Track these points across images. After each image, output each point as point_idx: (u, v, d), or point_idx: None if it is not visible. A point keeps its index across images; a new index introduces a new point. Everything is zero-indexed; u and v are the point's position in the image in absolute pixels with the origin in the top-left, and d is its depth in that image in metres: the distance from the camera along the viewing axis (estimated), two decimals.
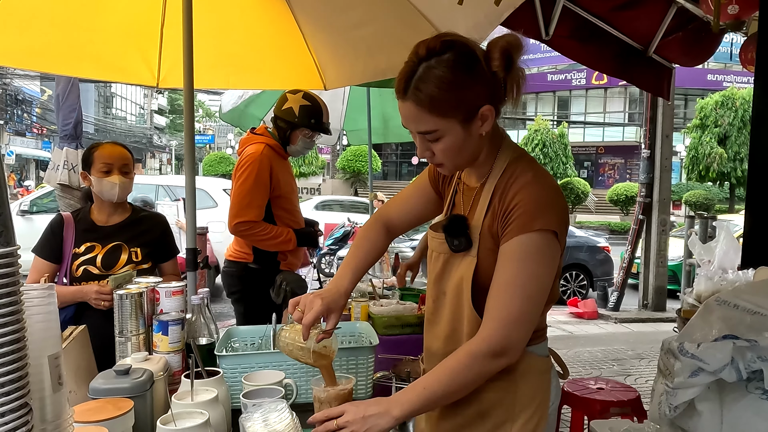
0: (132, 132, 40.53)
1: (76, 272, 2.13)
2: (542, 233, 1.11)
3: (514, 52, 1.09)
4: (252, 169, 2.60)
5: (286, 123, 2.73)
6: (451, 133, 1.12)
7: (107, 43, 2.83)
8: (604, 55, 3.34)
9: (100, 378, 1.32)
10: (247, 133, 2.84)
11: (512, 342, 1.12)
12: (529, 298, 1.12)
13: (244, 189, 2.59)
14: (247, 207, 2.59)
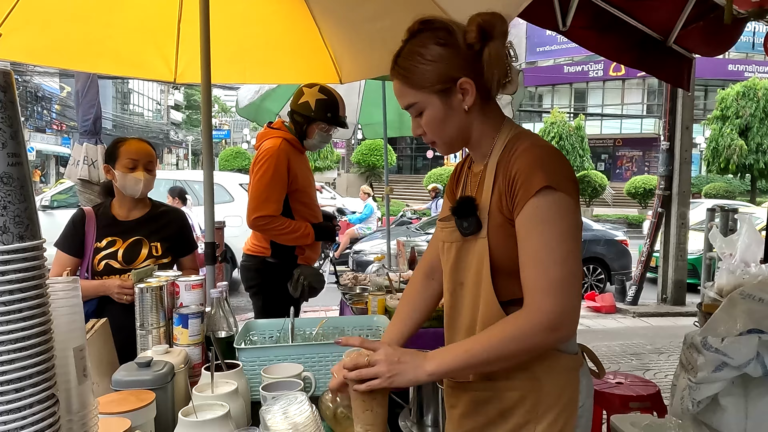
0: (149, 128, 40.94)
1: (98, 266, 2.16)
2: (548, 192, 1.07)
3: (490, 28, 1.11)
4: (270, 163, 2.61)
5: (303, 117, 2.73)
6: (431, 106, 1.16)
7: (125, 39, 2.85)
8: (622, 45, 3.28)
9: (123, 370, 1.34)
10: (264, 128, 2.85)
11: (566, 310, 1.06)
12: (564, 260, 1.06)
13: (262, 183, 2.60)
14: (266, 201, 2.60)
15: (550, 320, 1.05)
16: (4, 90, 0.70)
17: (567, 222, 1.08)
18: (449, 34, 1.13)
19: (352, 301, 2.94)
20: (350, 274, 3.45)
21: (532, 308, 1.07)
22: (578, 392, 1.17)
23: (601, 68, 28.70)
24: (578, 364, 1.19)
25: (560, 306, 1.05)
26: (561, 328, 1.07)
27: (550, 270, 1.06)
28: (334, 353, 1.61)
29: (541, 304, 1.06)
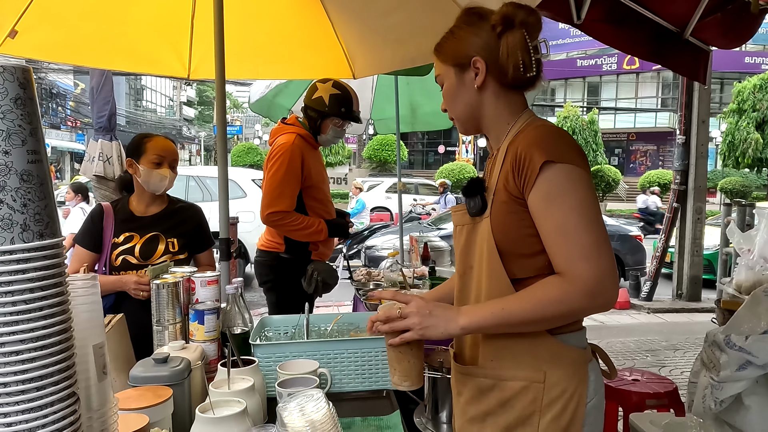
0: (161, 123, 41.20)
1: (115, 261, 2.17)
2: (552, 166, 1.09)
3: (512, 16, 1.16)
4: (284, 159, 2.60)
5: (317, 112, 2.72)
6: (448, 79, 1.25)
7: (140, 36, 2.86)
8: (638, 38, 3.23)
9: (140, 366, 1.34)
10: (278, 123, 2.84)
11: (604, 273, 1.06)
12: (590, 225, 1.07)
13: (276, 179, 2.60)
14: (279, 197, 2.60)
15: (590, 286, 1.06)
16: (23, 87, 0.70)
17: (582, 190, 1.09)
18: (479, 18, 1.21)
19: (366, 296, 2.93)
20: (363, 270, 3.45)
21: (571, 276, 1.07)
22: (586, 387, 1.16)
23: (615, 62, 28.40)
24: (586, 359, 1.19)
25: (598, 270, 1.06)
26: (602, 293, 1.07)
27: (580, 237, 1.07)
28: (350, 350, 1.61)
29: (578, 271, 1.06)
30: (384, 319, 1.15)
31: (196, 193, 8.05)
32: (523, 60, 1.16)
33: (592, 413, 1.18)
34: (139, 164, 2.21)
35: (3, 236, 0.67)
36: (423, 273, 3.24)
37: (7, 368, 0.67)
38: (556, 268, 1.10)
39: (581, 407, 1.15)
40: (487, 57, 1.18)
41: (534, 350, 1.15)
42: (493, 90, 1.21)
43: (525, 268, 1.15)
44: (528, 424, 1.16)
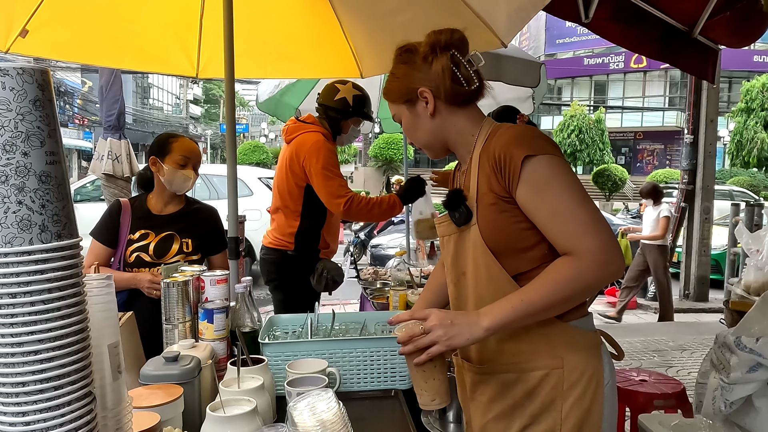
0: (168, 122, 41.32)
1: (129, 258, 2.19)
2: (533, 159, 1.14)
3: (436, 43, 1.24)
4: (325, 152, 2.63)
5: (340, 113, 2.76)
6: (403, 116, 1.33)
7: (148, 35, 2.87)
8: (646, 37, 3.21)
9: (150, 365, 1.35)
10: (292, 121, 2.82)
11: (608, 242, 1.11)
12: (582, 203, 1.13)
13: (329, 171, 2.61)
14: (340, 186, 2.62)
15: (599, 256, 1.10)
16: (42, 88, 0.70)
17: (564, 174, 1.15)
18: (412, 53, 1.30)
19: (373, 295, 2.94)
20: (370, 269, 3.45)
21: (578, 252, 1.11)
22: (602, 369, 1.21)
23: (622, 60, 28.27)
24: (598, 342, 1.24)
25: (601, 241, 1.11)
26: (611, 261, 1.11)
27: (576, 215, 1.12)
28: (359, 349, 1.62)
29: (584, 245, 1.11)
30: (407, 339, 1.15)
31: (203, 192, 8.05)
32: (462, 75, 1.23)
33: (610, 395, 1.22)
34: (163, 163, 2.22)
35: (22, 237, 0.68)
36: (430, 272, 3.25)
37: (26, 368, 0.68)
38: (562, 249, 1.14)
39: (600, 388, 1.20)
40: (430, 84, 1.25)
41: (549, 338, 1.19)
42: (447, 111, 1.28)
43: (526, 261, 1.20)
44: (552, 409, 1.19)
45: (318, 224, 2.77)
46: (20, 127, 0.68)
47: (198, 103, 51.54)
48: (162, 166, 2.23)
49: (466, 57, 1.25)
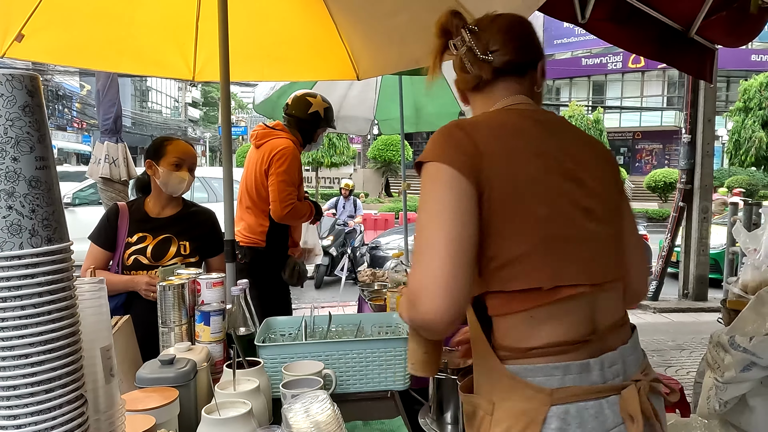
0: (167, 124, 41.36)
1: (127, 261, 2.20)
2: (425, 165, 1.02)
3: (449, 25, 1.18)
4: (291, 158, 2.88)
5: (312, 125, 3.10)
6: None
7: (145, 38, 2.87)
8: (643, 37, 3.21)
9: (146, 368, 1.35)
10: (261, 127, 3.06)
11: (420, 283, 0.95)
12: (422, 229, 0.97)
13: (288, 176, 2.86)
14: (292, 192, 2.88)
15: (409, 294, 0.97)
16: (31, 94, 0.71)
17: (432, 186, 0.99)
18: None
19: (371, 297, 2.94)
20: (368, 271, 3.45)
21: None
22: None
23: (620, 60, 28.30)
24: (547, 401, 0.97)
25: (414, 279, 0.96)
26: (418, 303, 0.94)
27: (417, 241, 0.98)
28: (354, 351, 1.62)
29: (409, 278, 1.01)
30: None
31: (201, 194, 8.05)
32: (460, 60, 1.17)
33: None
34: (158, 166, 2.24)
35: (12, 241, 0.68)
36: None
37: (17, 371, 0.68)
38: None
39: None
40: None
41: (490, 377, 1.04)
42: (471, 94, 1.22)
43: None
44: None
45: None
46: (10, 132, 0.68)
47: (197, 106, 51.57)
48: (157, 168, 2.24)
49: (455, 40, 1.16)
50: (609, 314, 1.06)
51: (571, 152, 1.09)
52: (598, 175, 1.11)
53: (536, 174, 1.03)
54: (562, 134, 1.13)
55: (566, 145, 1.10)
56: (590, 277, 1.02)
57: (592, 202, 1.07)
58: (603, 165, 1.15)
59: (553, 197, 1.03)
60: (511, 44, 1.14)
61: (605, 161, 1.16)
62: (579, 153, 1.11)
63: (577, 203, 1.04)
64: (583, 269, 1.02)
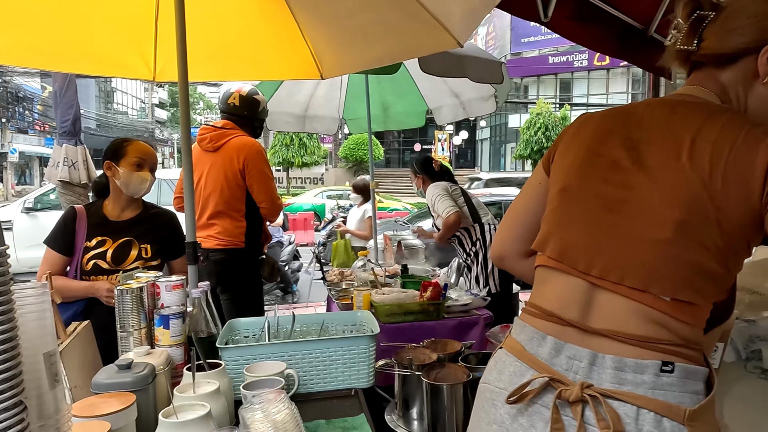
0: (133, 126, 40.56)
1: (86, 265, 2.15)
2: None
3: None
4: (265, 157, 3.01)
5: (261, 121, 3.24)
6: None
7: (103, 39, 2.80)
8: (604, 36, 3.28)
9: (103, 373, 1.33)
10: (210, 129, 3.07)
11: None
12: None
13: (270, 175, 2.96)
14: (276, 189, 3.00)
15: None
16: None
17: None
18: None
19: (338, 296, 2.94)
20: (336, 270, 3.45)
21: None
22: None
23: (586, 58, 28.82)
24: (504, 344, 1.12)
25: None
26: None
27: None
28: (318, 350, 1.62)
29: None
30: None
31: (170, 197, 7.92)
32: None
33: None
34: (118, 167, 2.20)
35: None
36: (395, 271, 3.26)
37: None
38: None
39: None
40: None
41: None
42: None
43: None
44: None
45: (260, 220, 3.01)
46: None
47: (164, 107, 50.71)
48: (117, 169, 2.21)
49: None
50: (608, 318, 0.96)
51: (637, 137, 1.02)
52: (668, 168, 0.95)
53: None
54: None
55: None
56: (575, 261, 1.00)
57: (628, 196, 0.98)
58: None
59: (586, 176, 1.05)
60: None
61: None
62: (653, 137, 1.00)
63: (606, 193, 1.01)
64: (573, 251, 1.01)
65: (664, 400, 0.88)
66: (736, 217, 0.89)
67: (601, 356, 0.93)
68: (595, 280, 0.97)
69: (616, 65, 28.35)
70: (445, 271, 3.48)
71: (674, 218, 0.91)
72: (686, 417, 0.87)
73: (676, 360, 0.90)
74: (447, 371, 1.81)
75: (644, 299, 0.93)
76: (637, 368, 0.90)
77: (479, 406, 1.09)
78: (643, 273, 0.93)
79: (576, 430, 0.91)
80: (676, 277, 0.91)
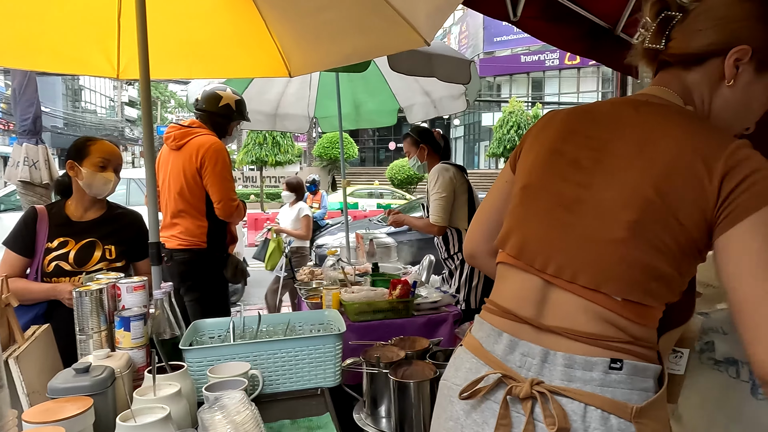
0: (103, 125, 39.72)
1: (48, 267, 2.10)
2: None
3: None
4: (223, 155, 2.88)
5: (225, 118, 3.09)
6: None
7: (63, 35, 2.73)
8: (572, 35, 3.33)
9: (59, 377, 1.30)
10: (176, 128, 3.00)
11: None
12: None
13: (225, 173, 2.88)
14: (232, 188, 2.89)
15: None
16: None
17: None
18: None
19: (308, 295, 2.93)
20: (306, 269, 3.43)
21: None
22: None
23: (557, 57, 29.20)
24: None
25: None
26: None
27: None
28: (283, 350, 1.60)
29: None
30: None
31: (139, 197, 7.78)
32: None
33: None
34: (81, 167, 2.15)
35: None
36: (366, 269, 3.26)
37: None
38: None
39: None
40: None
41: None
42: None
43: None
44: None
45: (223, 220, 2.96)
46: None
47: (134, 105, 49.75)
48: (80, 169, 2.16)
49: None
50: (560, 316, 0.96)
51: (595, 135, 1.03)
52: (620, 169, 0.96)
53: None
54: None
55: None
56: (532, 259, 1.01)
57: (585, 195, 0.98)
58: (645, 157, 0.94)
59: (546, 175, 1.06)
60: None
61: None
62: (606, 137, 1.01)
63: (564, 192, 1.01)
64: (530, 249, 1.02)
65: (612, 398, 0.88)
66: (689, 222, 0.89)
67: (552, 353, 0.93)
68: (549, 278, 0.97)
69: (586, 64, 28.79)
70: (417, 269, 3.48)
71: (627, 219, 0.91)
72: (633, 414, 0.87)
73: (625, 357, 0.90)
74: (414, 368, 1.82)
75: (596, 298, 0.93)
76: (587, 365, 0.90)
77: (439, 402, 1.10)
78: (595, 272, 0.93)
79: (524, 426, 0.91)
80: (628, 277, 0.91)
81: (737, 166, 0.86)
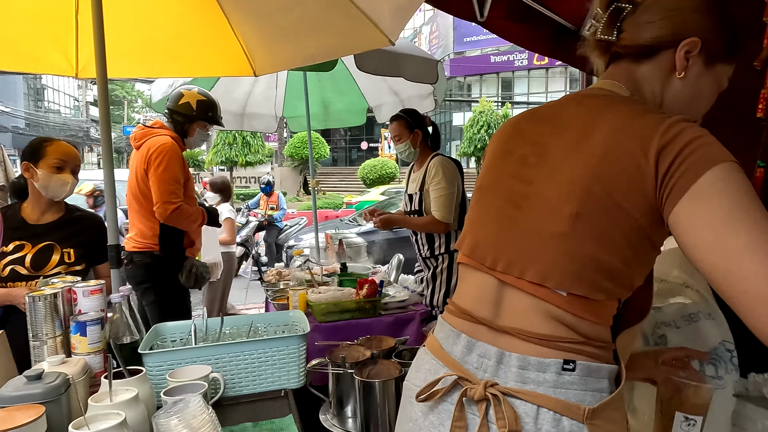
0: (67, 125, 38.69)
1: (3, 272, 2.05)
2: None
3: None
4: (170, 157, 2.75)
5: (184, 117, 2.98)
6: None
7: (18, 32, 2.65)
8: (538, 35, 3.36)
9: (9, 385, 1.26)
10: (140, 128, 2.94)
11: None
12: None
13: (168, 176, 2.73)
14: (175, 192, 2.74)
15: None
16: None
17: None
18: None
19: (275, 297, 2.90)
20: (274, 270, 3.40)
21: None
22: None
23: (526, 57, 29.56)
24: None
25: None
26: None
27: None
28: (246, 352, 1.58)
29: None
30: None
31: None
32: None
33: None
34: (37, 168, 2.10)
35: None
36: (334, 270, 3.24)
37: None
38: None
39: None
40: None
41: None
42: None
43: None
44: None
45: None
46: None
47: None
48: (36, 171, 2.11)
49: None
50: (514, 316, 0.95)
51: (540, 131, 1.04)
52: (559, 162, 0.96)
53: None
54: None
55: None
56: (483, 257, 1.00)
57: (530, 190, 0.98)
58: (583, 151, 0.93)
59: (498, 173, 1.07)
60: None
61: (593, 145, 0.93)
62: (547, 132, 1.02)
63: (513, 189, 1.02)
64: (482, 247, 1.02)
65: (564, 399, 0.88)
66: (634, 209, 0.87)
67: (507, 354, 0.92)
68: (500, 275, 0.97)
69: (554, 65, 29.22)
70: (386, 268, 3.48)
71: (569, 212, 0.90)
72: (586, 415, 0.86)
73: (578, 358, 0.89)
74: (380, 368, 1.81)
75: (542, 294, 0.92)
76: (540, 367, 0.89)
77: (401, 403, 1.10)
78: (540, 266, 0.92)
79: (478, 428, 0.91)
80: (570, 270, 0.90)
81: (671, 142, 0.84)
